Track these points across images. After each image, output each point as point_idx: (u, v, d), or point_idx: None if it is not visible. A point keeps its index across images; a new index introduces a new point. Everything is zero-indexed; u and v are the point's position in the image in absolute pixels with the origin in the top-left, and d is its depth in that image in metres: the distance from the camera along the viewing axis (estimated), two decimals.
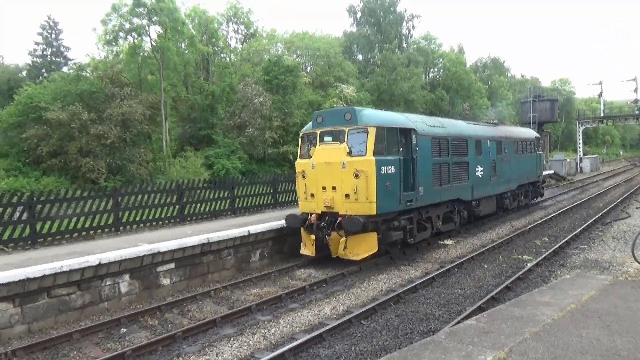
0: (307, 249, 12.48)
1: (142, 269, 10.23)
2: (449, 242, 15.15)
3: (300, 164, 12.67)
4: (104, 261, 9.54)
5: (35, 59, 38.28)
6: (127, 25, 29.35)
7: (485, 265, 12.14)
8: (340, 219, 11.45)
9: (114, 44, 31.30)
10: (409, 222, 12.70)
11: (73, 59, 38.54)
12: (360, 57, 53.55)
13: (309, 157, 12.38)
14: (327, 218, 11.85)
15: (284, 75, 33.39)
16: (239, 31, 46.58)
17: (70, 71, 31.41)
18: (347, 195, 11.43)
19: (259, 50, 42.46)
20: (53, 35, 38.60)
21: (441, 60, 57.87)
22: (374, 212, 11.22)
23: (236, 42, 46.23)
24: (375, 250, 11.62)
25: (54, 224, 12.15)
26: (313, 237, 12.05)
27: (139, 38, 30.58)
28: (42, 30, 38.05)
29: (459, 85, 53.72)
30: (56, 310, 8.94)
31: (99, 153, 24.36)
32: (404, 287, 10.19)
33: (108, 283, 9.73)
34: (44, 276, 8.66)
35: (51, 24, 38.41)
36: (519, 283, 10.39)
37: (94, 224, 12.89)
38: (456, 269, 11.79)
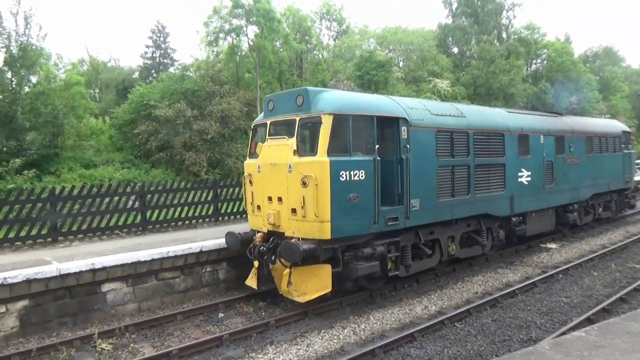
0: (252, 278, 9.77)
1: (238, 258, 10.71)
2: (552, 245, 14.11)
3: (248, 165, 9.82)
4: (205, 249, 10.13)
5: (145, 61, 41.67)
6: (227, 27, 30.94)
7: (595, 273, 11.12)
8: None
9: (214, 44, 33.16)
10: (394, 248, 9.31)
11: (178, 60, 41.55)
12: (455, 50, 51.63)
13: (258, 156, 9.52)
14: (271, 240, 9.02)
15: (376, 71, 33.18)
16: (332, 28, 47.14)
17: (176, 71, 33.79)
18: (293, 210, 8.39)
19: (351, 47, 42.61)
20: (161, 39, 41.72)
21: (545, 50, 53.96)
22: (327, 235, 8.00)
23: (329, 39, 46.84)
24: (328, 289, 8.36)
25: (161, 212, 13.16)
26: (257, 264, 9.48)
27: (237, 38, 32.14)
28: (152, 34, 41.32)
29: (565, 77, 49.78)
30: (162, 292, 9.67)
31: (201, 147, 25.93)
32: (502, 291, 9.66)
33: (208, 270, 10.33)
34: (153, 260, 9.41)
35: (159, 27, 41.55)
36: (636, 295, 9.38)
37: (196, 214, 13.75)
38: (561, 275, 10.94)
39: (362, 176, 8.32)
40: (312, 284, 8.40)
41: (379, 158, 8.55)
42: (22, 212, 11.09)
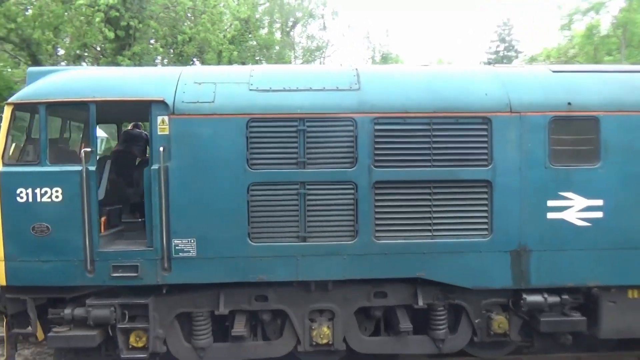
0: None
1: None
2: None
3: None
4: None
5: (490, 56, 42.50)
6: (584, 6, 28.24)
7: None
8: None
9: (567, 28, 30.81)
10: (151, 314, 5.86)
11: (522, 52, 40.66)
12: None
13: None
14: None
15: None
16: None
17: (523, 62, 32.86)
18: None
19: None
20: (506, 32, 41.76)
21: None
22: (1, 279, 5.79)
23: None
24: None
25: None
26: None
27: (597, 18, 28.86)
28: (497, 28, 41.95)
29: None
30: None
31: None
32: None
33: None
34: None
35: (505, 21, 41.86)
36: None
37: None
38: None
39: (57, 197, 5.67)
40: None
41: (92, 168, 5.74)
42: None
